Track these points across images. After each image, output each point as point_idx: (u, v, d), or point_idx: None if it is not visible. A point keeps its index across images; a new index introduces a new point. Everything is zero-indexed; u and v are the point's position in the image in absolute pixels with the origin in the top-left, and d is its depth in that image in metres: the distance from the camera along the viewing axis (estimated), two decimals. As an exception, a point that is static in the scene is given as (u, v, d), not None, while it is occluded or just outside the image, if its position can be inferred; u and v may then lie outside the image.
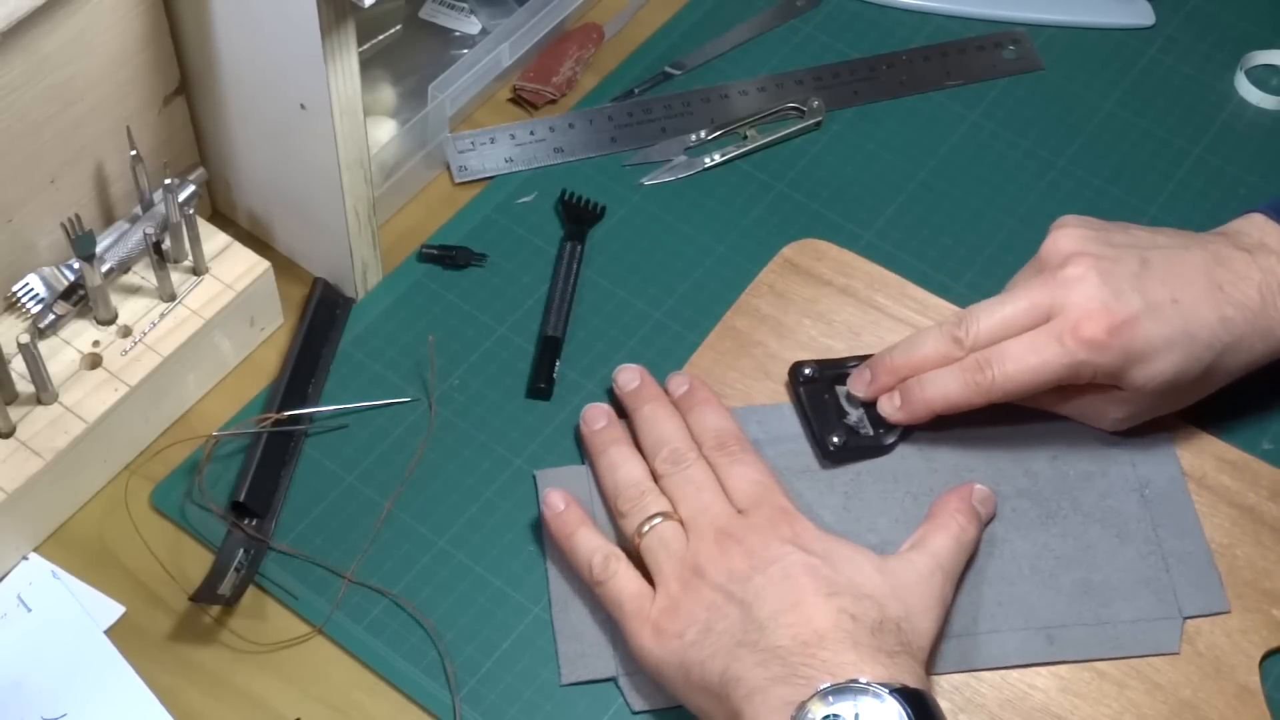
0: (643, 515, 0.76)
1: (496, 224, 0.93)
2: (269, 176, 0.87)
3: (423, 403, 0.85)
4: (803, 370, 0.83)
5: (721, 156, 0.96)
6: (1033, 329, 0.77)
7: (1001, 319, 0.78)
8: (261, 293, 0.85)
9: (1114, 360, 0.76)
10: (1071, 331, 0.76)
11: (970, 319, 0.79)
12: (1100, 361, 0.76)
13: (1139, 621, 0.77)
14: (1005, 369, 0.77)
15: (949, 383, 0.79)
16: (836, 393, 0.83)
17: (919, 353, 0.80)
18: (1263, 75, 1.01)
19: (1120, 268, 0.77)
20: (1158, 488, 0.81)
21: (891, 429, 0.82)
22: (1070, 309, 0.76)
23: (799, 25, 1.03)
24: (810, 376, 0.83)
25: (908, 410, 0.80)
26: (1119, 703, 0.75)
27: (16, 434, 0.77)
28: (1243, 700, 0.75)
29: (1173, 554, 0.79)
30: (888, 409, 0.81)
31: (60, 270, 0.82)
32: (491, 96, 0.99)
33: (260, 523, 0.79)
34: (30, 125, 0.77)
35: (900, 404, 0.80)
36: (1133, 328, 0.75)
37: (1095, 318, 0.75)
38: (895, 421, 0.81)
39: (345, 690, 0.76)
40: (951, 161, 0.97)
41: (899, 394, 0.81)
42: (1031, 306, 0.77)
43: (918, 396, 0.80)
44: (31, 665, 0.76)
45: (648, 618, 0.73)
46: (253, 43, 0.79)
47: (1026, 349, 0.77)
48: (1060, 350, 0.76)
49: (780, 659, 0.68)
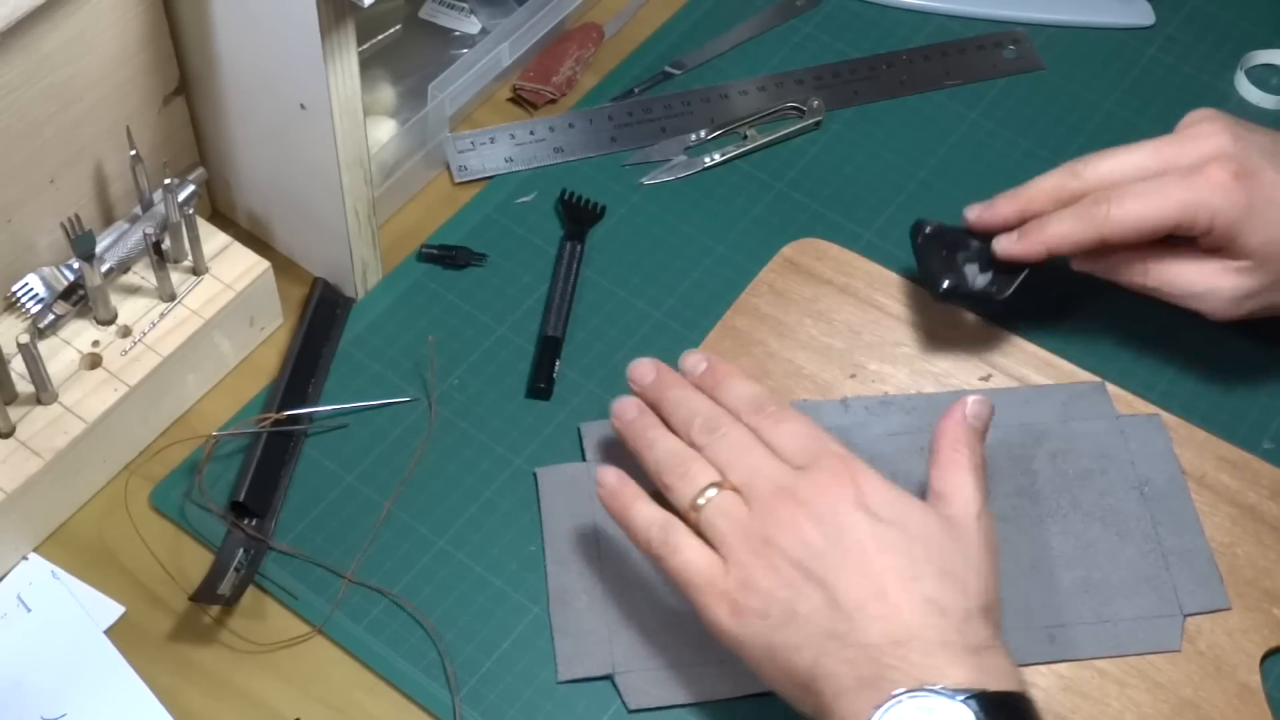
0: (694, 487, 0.72)
1: (496, 224, 0.93)
2: (269, 176, 0.87)
3: (422, 402, 0.85)
4: (925, 228, 0.84)
5: (721, 156, 0.96)
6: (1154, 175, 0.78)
7: (1124, 160, 0.79)
8: (261, 293, 0.85)
9: (1235, 207, 0.76)
10: (1198, 171, 0.76)
11: (1094, 157, 0.80)
12: (1219, 205, 0.76)
13: (1140, 619, 0.77)
14: (1124, 204, 0.77)
15: (1067, 217, 0.79)
16: (955, 254, 0.83)
17: (1038, 184, 0.81)
18: (1263, 75, 1.01)
19: (1253, 136, 0.78)
20: (1157, 486, 0.81)
21: (1005, 284, 0.82)
22: (1198, 156, 0.77)
23: (799, 25, 1.03)
24: (930, 233, 0.84)
25: (1025, 244, 0.81)
26: (1120, 701, 0.75)
27: (16, 434, 0.77)
28: (1243, 699, 0.75)
29: (1173, 551, 0.79)
30: (1005, 244, 0.82)
31: (60, 270, 0.82)
32: (491, 96, 0.99)
33: (260, 523, 0.79)
34: (30, 125, 0.77)
35: (1019, 238, 0.81)
36: (1258, 180, 0.76)
37: (1223, 162, 0.76)
38: (1011, 256, 0.81)
39: (345, 690, 0.76)
40: (951, 161, 0.97)
41: (1018, 231, 0.81)
42: (1156, 153, 0.78)
43: (1035, 232, 0.80)
44: (31, 665, 0.76)
45: (722, 592, 0.69)
46: (253, 43, 0.79)
47: (1150, 186, 0.77)
48: (1182, 185, 0.76)
49: (871, 658, 0.66)
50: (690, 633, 0.75)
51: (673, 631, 0.76)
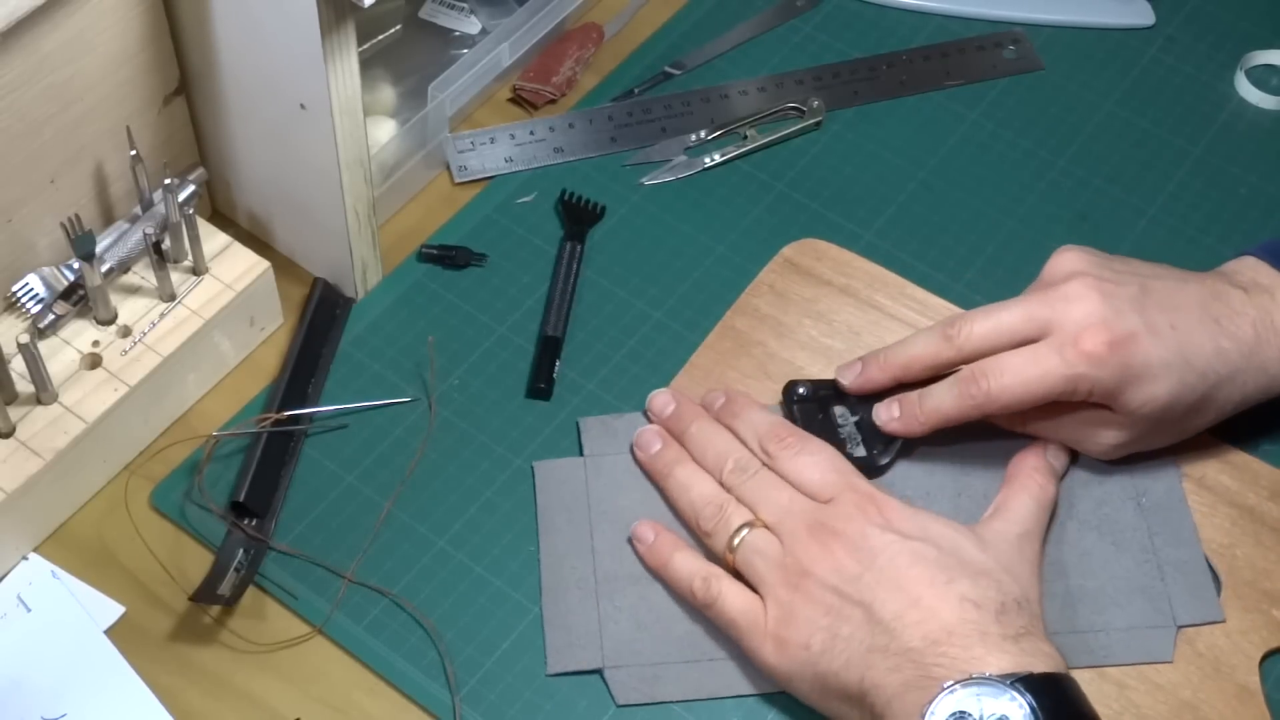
0: (729, 530, 0.76)
1: (496, 224, 0.93)
2: (269, 176, 0.87)
3: (423, 403, 0.85)
4: (796, 390, 0.83)
5: (721, 156, 0.96)
6: (1026, 340, 0.77)
7: (995, 324, 0.78)
8: (261, 293, 0.85)
9: (1112, 376, 0.75)
10: (1072, 344, 0.75)
11: (964, 320, 0.78)
12: (1099, 376, 0.75)
13: (1132, 629, 0.77)
14: (1002, 380, 0.77)
15: (945, 395, 0.78)
16: (832, 413, 0.82)
17: (910, 350, 0.80)
18: (1263, 75, 1.01)
19: (1121, 289, 0.77)
20: (1155, 496, 0.81)
21: (886, 449, 0.81)
22: (1070, 323, 0.76)
23: (799, 25, 1.03)
24: (804, 396, 0.82)
25: (904, 422, 0.80)
26: (1119, 703, 0.75)
27: (16, 434, 0.77)
28: (1243, 700, 0.75)
29: (1168, 562, 0.79)
30: (884, 418, 0.81)
31: (60, 270, 0.82)
32: (491, 96, 0.99)
33: (260, 523, 0.79)
34: (30, 125, 0.77)
35: (898, 414, 0.80)
36: (1132, 345, 0.75)
37: (1096, 332, 0.75)
38: (891, 431, 0.81)
39: (345, 690, 0.76)
40: (951, 161, 0.97)
41: (896, 405, 0.80)
42: (1028, 316, 0.77)
43: (914, 409, 0.80)
44: (31, 665, 0.76)
45: (766, 631, 0.73)
46: (253, 43, 0.79)
47: (1025, 361, 0.76)
48: (1059, 362, 0.75)
49: (913, 661, 0.68)
50: (681, 630, 0.76)
51: (664, 628, 0.76)
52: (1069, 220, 0.94)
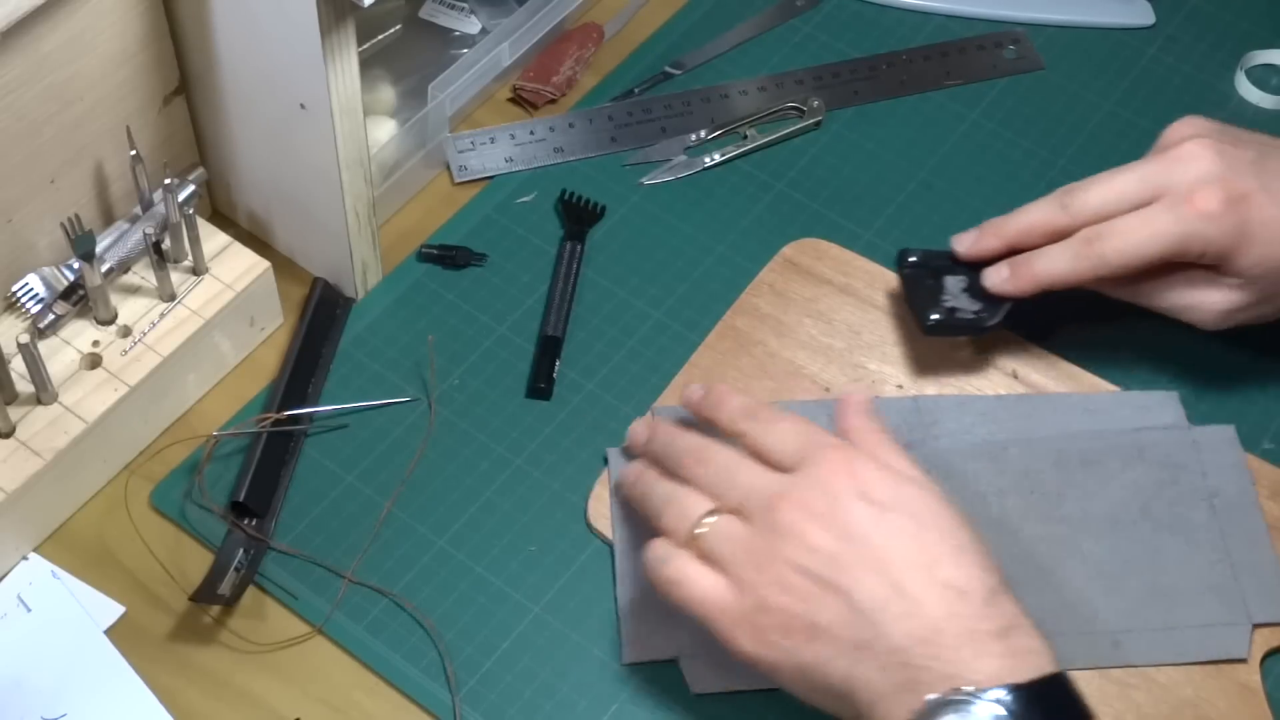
0: (690, 519, 0.70)
1: (496, 224, 0.93)
2: (269, 176, 0.87)
3: (423, 402, 0.85)
4: (908, 257, 0.84)
5: (721, 156, 0.96)
6: (1142, 204, 0.77)
7: (1110, 188, 0.78)
8: (261, 293, 0.85)
9: (1226, 234, 0.75)
10: (1187, 201, 0.75)
11: (1080, 188, 0.78)
12: (1212, 234, 0.75)
13: (1208, 627, 0.76)
14: (1115, 242, 0.76)
15: (1059, 255, 0.78)
16: (942, 280, 0.82)
17: (1026, 217, 0.80)
18: (1263, 75, 1.01)
19: (1239, 152, 0.77)
20: (1227, 498, 0.81)
21: (994, 310, 0.81)
22: (1185, 184, 0.76)
23: (799, 25, 1.03)
24: (915, 263, 0.83)
25: (1015, 282, 0.80)
26: (1121, 702, 0.75)
27: (16, 434, 0.77)
28: (1244, 699, 0.75)
29: (1241, 563, 0.78)
30: (994, 280, 0.81)
31: (60, 270, 0.82)
32: (491, 96, 0.99)
33: (260, 523, 0.79)
34: (30, 125, 0.77)
35: (1009, 274, 0.80)
36: (1248, 203, 0.75)
37: (1211, 189, 0.75)
38: (1002, 293, 0.80)
39: (345, 690, 0.76)
40: (951, 161, 0.97)
41: (1007, 267, 0.80)
42: (1142, 179, 0.77)
43: (1026, 269, 0.79)
44: (31, 665, 0.76)
45: (738, 618, 0.68)
46: (253, 43, 0.79)
47: (1139, 221, 0.76)
48: (1173, 219, 0.75)
49: (901, 662, 0.65)
50: None
51: None
52: (1069, 220, 0.94)
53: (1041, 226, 0.80)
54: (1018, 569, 0.77)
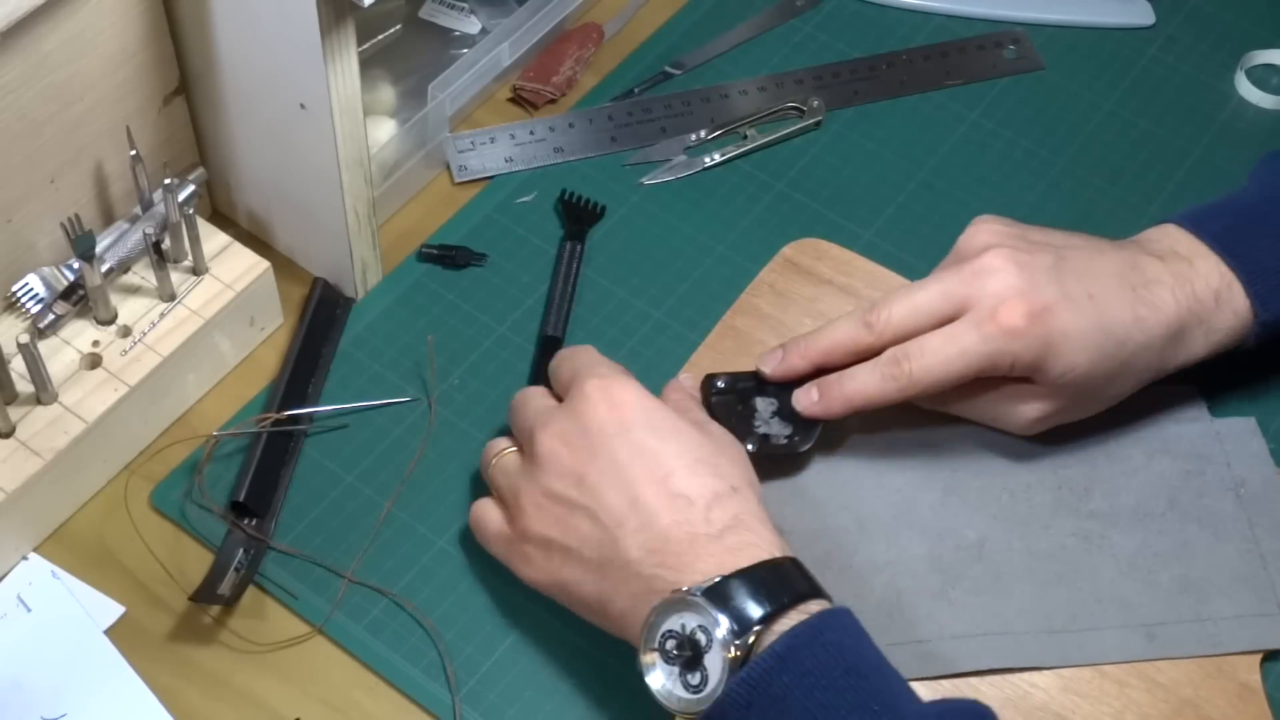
0: (489, 457, 0.77)
1: (496, 224, 0.93)
2: (269, 176, 0.87)
3: (423, 402, 0.85)
4: (715, 383, 0.81)
5: (721, 156, 0.96)
6: (946, 319, 0.77)
7: (913, 305, 0.77)
8: (261, 292, 0.85)
9: (1032, 348, 0.75)
10: (990, 319, 0.75)
11: (882, 305, 0.78)
12: (1018, 350, 0.75)
13: (1240, 618, 0.77)
14: (923, 361, 0.76)
15: (867, 378, 0.78)
16: (752, 405, 0.81)
17: (830, 337, 0.80)
18: (1263, 75, 1.01)
19: (1037, 260, 0.77)
20: (1253, 488, 0.81)
21: (808, 435, 0.80)
22: (987, 298, 0.76)
23: (799, 25, 1.03)
24: (722, 389, 0.81)
25: (824, 404, 0.79)
26: (1120, 701, 0.75)
27: (16, 434, 0.77)
28: (1244, 699, 0.75)
29: (1270, 552, 0.79)
30: (804, 402, 0.80)
31: (60, 270, 0.82)
32: (491, 96, 0.99)
33: (260, 523, 0.79)
34: (30, 125, 0.77)
35: (818, 398, 0.80)
36: (1051, 315, 0.75)
37: (1013, 305, 0.75)
38: (811, 415, 0.80)
39: (345, 690, 0.76)
40: (951, 161, 0.97)
41: (816, 388, 0.80)
42: (945, 294, 0.77)
43: (836, 391, 0.79)
44: (31, 665, 0.76)
45: (510, 543, 0.75)
46: (253, 43, 0.79)
47: (944, 340, 0.76)
48: (978, 338, 0.75)
49: (636, 574, 0.69)
50: None
51: None
52: (1069, 220, 0.93)
53: (846, 345, 0.79)
54: (1050, 565, 0.78)
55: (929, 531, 0.79)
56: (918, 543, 0.79)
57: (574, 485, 0.72)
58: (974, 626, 0.76)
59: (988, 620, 0.76)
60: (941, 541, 0.79)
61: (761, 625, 0.65)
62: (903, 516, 0.80)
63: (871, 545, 0.79)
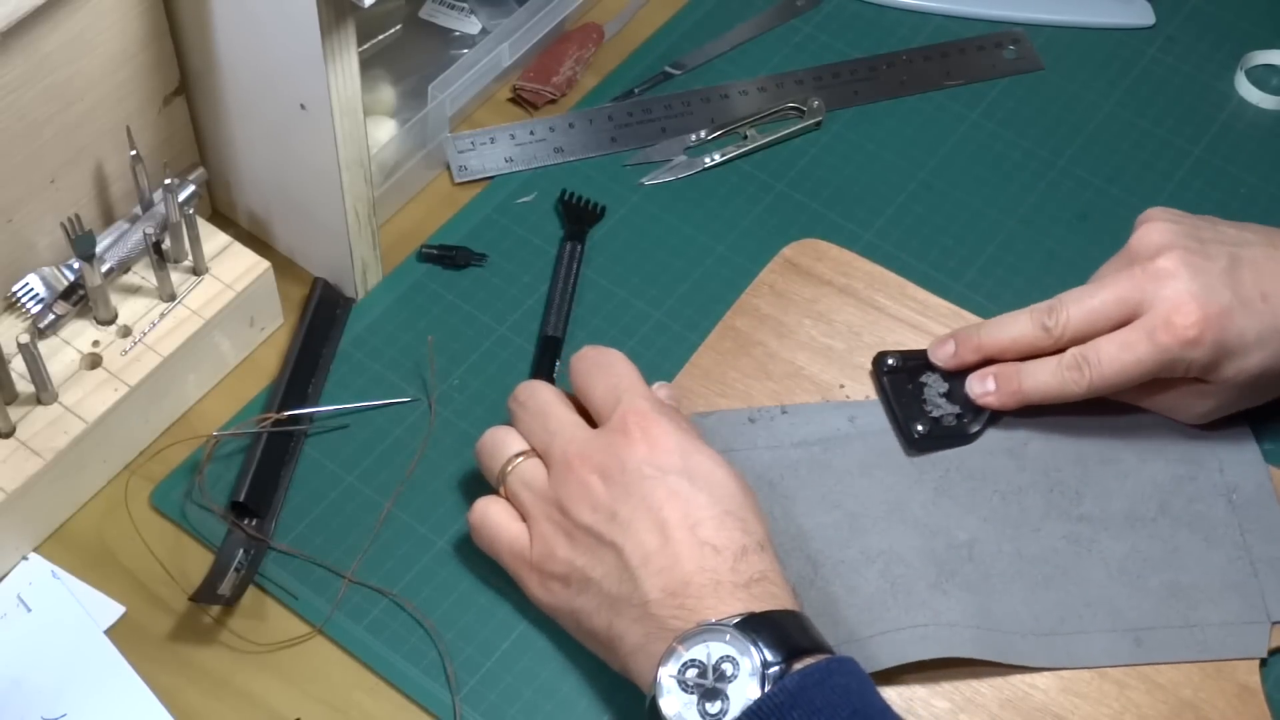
0: (501, 459, 0.76)
1: (496, 224, 0.93)
2: (269, 176, 0.87)
3: (423, 403, 0.85)
4: (886, 361, 0.84)
5: (721, 156, 0.96)
6: (1121, 322, 0.78)
7: (1090, 310, 0.79)
8: (261, 293, 0.85)
9: (1206, 355, 0.77)
10: (1164, 327, 0.76)
11: (1060, 308, 0.79)
12: (1192, 356, 0.77)
13: (1226, 624, 0.77)
14: (1101, 369, 0.78)
15: (1046, 377, 0.79)
16: (921, 383, 0.83)
17: (1007, 334, 0.81)
18: (1263, 75, 1.01)
19: (1211, 263, 0.78)
20: (1245, 494, 0.81)
21: (977, 418, 0.82)
22: (1161, 303, 0.77)
23: (799, 25, 1.03)
24: (894, 367, 0.83)
25: (1000, 396, 0.81)
26: (1119, 702, 0.75)
27: (16, 434, 0.77)
28: (1243, 700, 0.75)
29: (1260, 559, 0.79)
30: (978, 390, 0.81)
31: (60, 270, 0.82)
32: (491, 96, 0.99)
33: (260, 523, 0.79)
34: (30, 125, 0.77)
35: (994, 389, 0.81)
36: (1224, 322, 0.76)
37: (1187, 312, 0.76)
38: (984, 405, 0.81)
39: (345, 690, 0.76)
40: (951, 161, 0.97)
41: (993, 379, 0.81)
42: (1120, 299, 0.78)
43: (1013, 385, 0.80)
44: (31, 665, 0.76)
45: (529, 564, 0.74)
46: (253, 43, 0.79)
47: (1120, 347, 0.78)
48: (1153, 347, 0.77)
49: (652, 615, 0.69)
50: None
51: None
52: (1069, 220, 0.94)
53: (1022, 345, 0.81)
54: (1039, 568, 0.78)
55: (921, 528, 0.79)
56: (910, 536, 0.79)
57: (605, 520, 0.72)
58: (967, 618, 0.76)
59: (979, 617, 0.76)
60: (933, 539, 0.79)
61: (784, 664, 0.66)
62: (894, 514, 0.80)
63: (864, 538, 0.79)
